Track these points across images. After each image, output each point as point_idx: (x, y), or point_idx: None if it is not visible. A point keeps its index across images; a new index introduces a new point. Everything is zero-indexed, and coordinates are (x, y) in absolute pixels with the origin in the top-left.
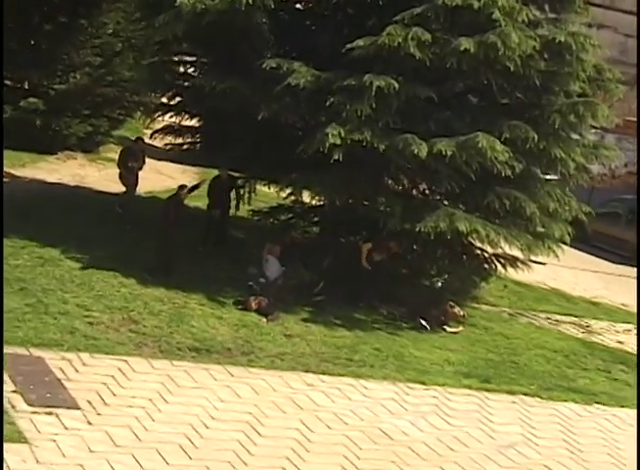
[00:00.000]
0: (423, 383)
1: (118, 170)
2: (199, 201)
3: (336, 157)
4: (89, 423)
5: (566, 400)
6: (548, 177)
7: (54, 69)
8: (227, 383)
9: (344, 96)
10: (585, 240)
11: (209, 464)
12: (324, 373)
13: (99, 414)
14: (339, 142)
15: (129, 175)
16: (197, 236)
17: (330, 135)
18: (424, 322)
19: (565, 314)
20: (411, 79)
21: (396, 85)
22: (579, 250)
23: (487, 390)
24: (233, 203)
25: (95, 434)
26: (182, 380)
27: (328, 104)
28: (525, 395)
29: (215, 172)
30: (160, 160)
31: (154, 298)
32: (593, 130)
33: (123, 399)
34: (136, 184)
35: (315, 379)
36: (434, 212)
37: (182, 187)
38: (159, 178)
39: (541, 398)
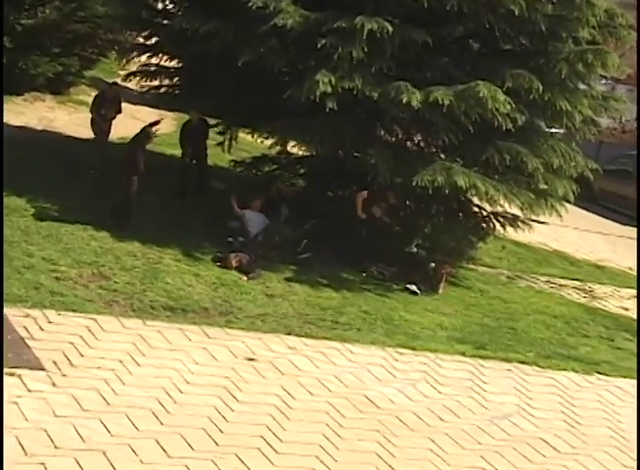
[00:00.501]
0: (413, 348)
1: (91, 116)
2: (176, 149)
3: (330, 105)
4: (54, 385)
5: (565, 369)
6: (553, 131)
7: (20, 2)
8: (203, 345)
9: (335, 39)
10: (591, 199)
11: (182, 431)
12: (307, 336)
13: (65, 376)
14: (329, 90)
15: (101, 122)
16: (173, 186)
17: (320, 83)
18: (413, 287)
19: (567, 278)
20: (406, 22)
21: (390, 28)
22: (585, 209)
23: (482, 357)
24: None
25: (60, 397)
26: (155, 341)
27: (318, 47)
28: (522, 363)
29: None
30: (135, 103)
31: (126, 252)
32: (603, 81)
33: (91, 361)
34: (108, 132)
35: (298, 342)
36: (429, 166)
37: (144, 129)
38: (133, 123)
39: (539, 366)
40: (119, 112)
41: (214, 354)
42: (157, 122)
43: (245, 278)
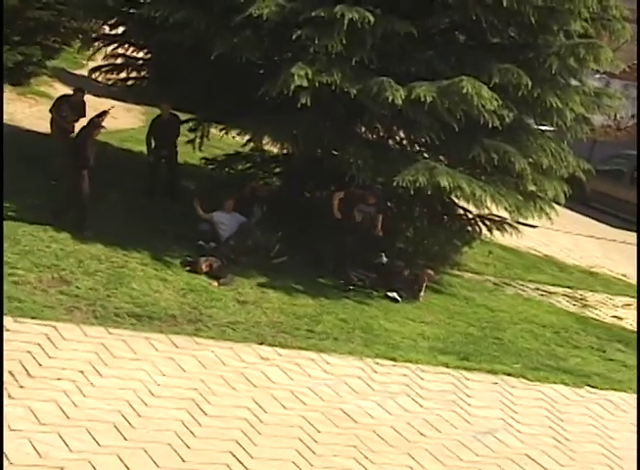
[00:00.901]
0: (393, 359)
1: (50, 115)
2: (144, 145)
3: (303, 101)
4: (10, 397)
5: (554, 382)
6: (543, 129)
7: None
8: (170, 354)
9: (312, 30)
10: (583, 201)
11: (147, 446)
12: (281, 346)
13: (22, 387)
14: (305, 84)
15: (61, 123)
16: (140, 185)
17: (296, 76)
18: (394, 295)
19: (557, 285)
20: (389, 12)
21: (371, 18)
22: (576, 212)
23: (466, 368)
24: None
25: (16, 409)
26: (119, 350)
27: (294, 38)
28: (509, 375)
29: None
30: (100, 96)
31: (89, 255)
32: (597, 76)
33: (50, 371)
34: (71, 131)
35: (271, 352)
36: (411, 165)
37: (92, 120)
38: None
39: (526, 378)
40: (83, 116)
41: (182, 365)
42: (105, 112)
43: (215, 284)
